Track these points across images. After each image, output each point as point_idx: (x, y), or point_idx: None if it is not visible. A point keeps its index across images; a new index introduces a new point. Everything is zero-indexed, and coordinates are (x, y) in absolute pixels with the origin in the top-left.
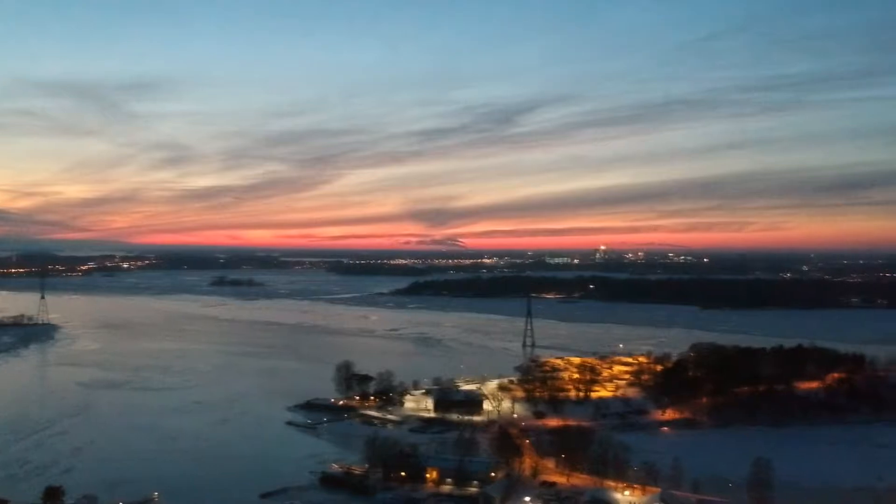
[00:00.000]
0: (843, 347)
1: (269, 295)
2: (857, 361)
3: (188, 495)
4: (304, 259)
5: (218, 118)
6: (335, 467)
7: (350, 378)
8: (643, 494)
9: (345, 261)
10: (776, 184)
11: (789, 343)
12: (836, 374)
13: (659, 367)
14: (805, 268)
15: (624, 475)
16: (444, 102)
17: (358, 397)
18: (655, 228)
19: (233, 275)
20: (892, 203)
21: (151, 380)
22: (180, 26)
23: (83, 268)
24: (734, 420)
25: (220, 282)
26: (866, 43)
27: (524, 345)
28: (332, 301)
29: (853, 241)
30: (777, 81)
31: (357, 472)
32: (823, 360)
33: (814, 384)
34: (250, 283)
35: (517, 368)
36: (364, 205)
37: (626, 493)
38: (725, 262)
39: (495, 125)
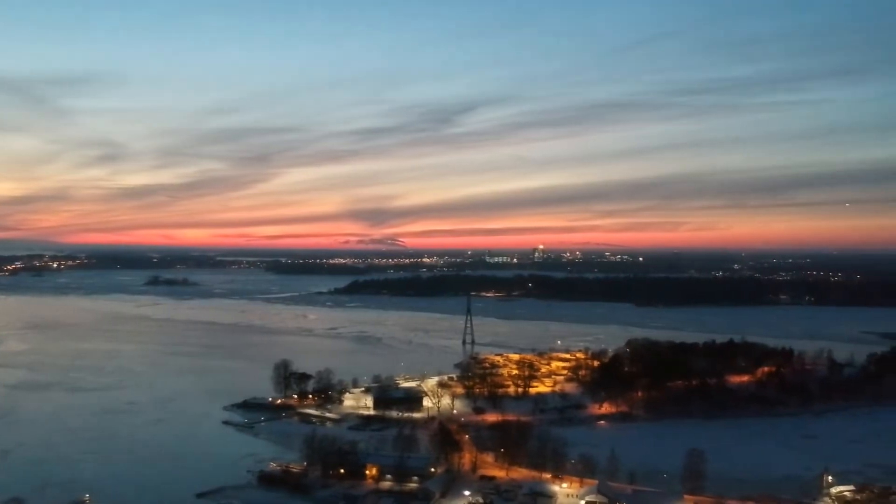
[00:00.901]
0: (773, 342)
1: (205, 294)
2: (785, 356)
3: (121, 497)
4: (241, 258)
5: (151, 115)
6: (273, 466)
7: (288, 377)
8: (581, 486)
9: (283, 260)
10: (709, 185)
11: (721, 338)
12: (765, 368)
13: (596, 363)
14: (736, 266)
15: (562, 468)
16: (383, 101)
17: (296, 396)
18: (592, 228)
19: (167, 274)
20: (819, 204)
21: (83, 381)
22: (112, 19)
23: (10, 268)
24: (668, 413)
25: (154, 281)
26: (796, 48)
27: (464, 342)
28: (270, 300)
29: (782, 240)
30: (710, 85)
31: (295, 470)
32: (754, 354)
33: (745, 378)
34: (185, 282)
35: (457, 365)
36: (302, 204)
37: (564, 485)
38: (660, 260)
39: (434, 125)
